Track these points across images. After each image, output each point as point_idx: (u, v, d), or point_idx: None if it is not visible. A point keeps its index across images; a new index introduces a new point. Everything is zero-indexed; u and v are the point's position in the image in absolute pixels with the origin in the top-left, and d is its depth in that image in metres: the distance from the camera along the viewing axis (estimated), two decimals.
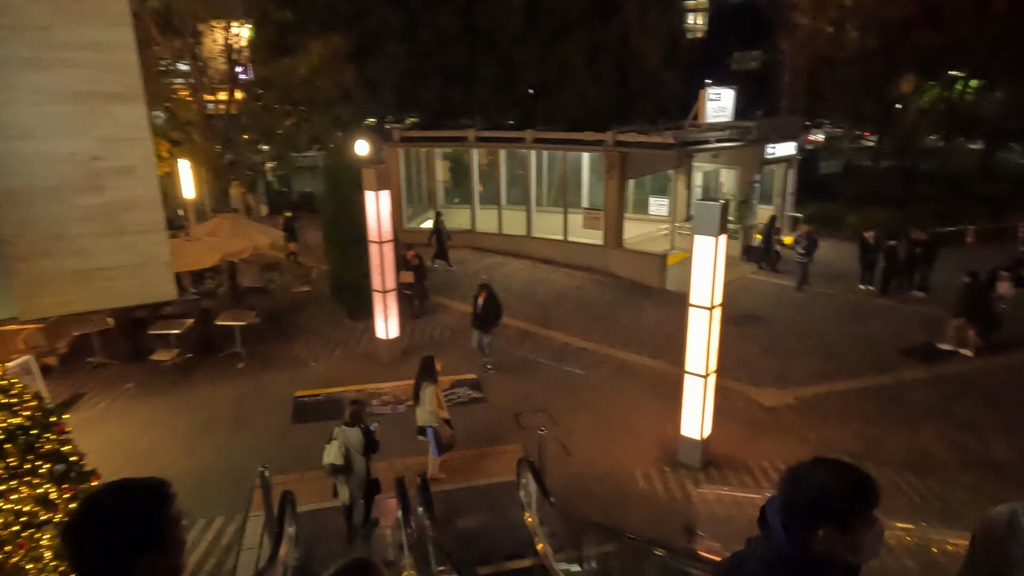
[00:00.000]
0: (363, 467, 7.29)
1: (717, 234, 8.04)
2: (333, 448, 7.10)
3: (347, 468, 7.12)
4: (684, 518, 6.82)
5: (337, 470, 7.12)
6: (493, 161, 20.98)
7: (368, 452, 7.31)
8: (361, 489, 7.36)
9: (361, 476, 7.29)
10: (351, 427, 7.24)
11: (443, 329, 14.15)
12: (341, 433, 7.19)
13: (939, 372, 12.27)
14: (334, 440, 7.16)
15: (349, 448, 7.15)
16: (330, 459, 7.07)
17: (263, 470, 7.12)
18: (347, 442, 7.16)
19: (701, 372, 8.62)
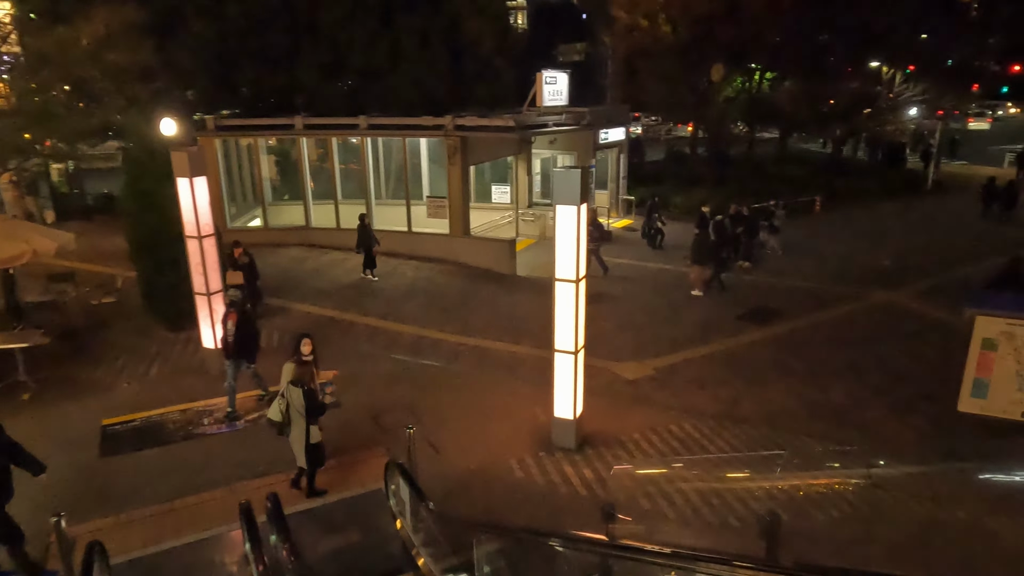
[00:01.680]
0: (301, 430, 7.21)
1: (579, 203, 7.69)
2: (275, 404, 7.26)
3: (285, 427, 7.22)
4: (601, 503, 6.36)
5: (275, 427, 7.28)
6: (325, 152, 19.50)
7: (310, 416, 7.21)
8: (303, 453, 7.32)
9: (300, 438, 7.24)
10: (295, 387, 7.17)
11: (282, 334, 12.69)
12: (288, 390, 7.19)
13: (774, 332, 13.08)
14: (279, 397, 7.25)
15: (291, 407, 7.17)
16: (269, 415, 7.32)
17: (57, 518, 5.61)
18: (290, 401, 7.17)
19: (570, 348, 8.27)
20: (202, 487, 7.78)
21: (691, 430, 9.28)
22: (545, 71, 16.84)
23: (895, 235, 21.02)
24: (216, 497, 7.59)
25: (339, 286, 15.37)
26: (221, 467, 8.25)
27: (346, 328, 12.95)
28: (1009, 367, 7.89)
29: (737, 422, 9.58)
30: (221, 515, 7.23)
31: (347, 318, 13.42)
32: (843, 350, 12.13)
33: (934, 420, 9.58)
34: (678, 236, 19.55)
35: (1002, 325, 7.82)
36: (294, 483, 7.63)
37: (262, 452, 8.57)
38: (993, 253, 18.74)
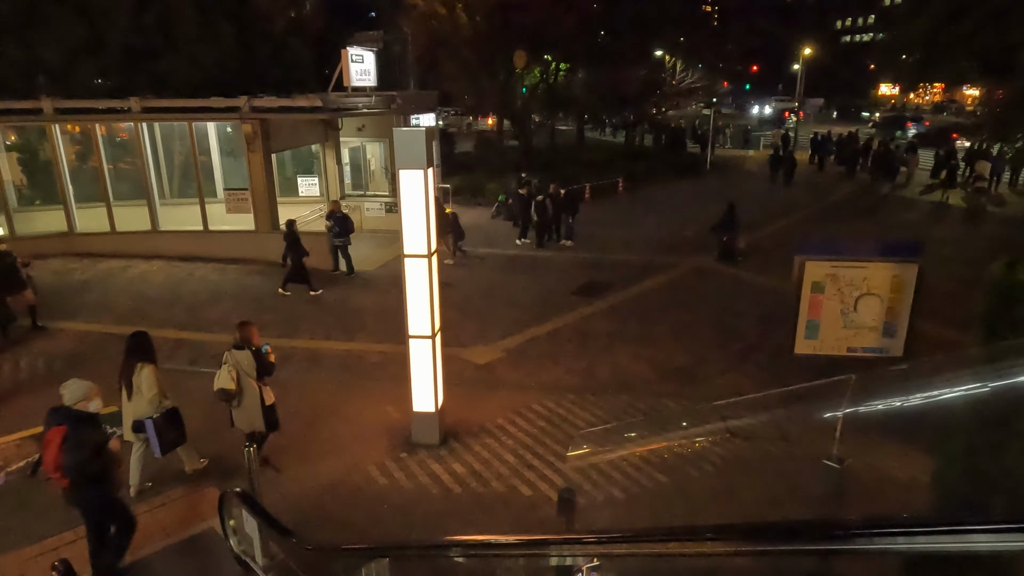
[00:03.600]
0: (256, 393, 6.85)
1: (426, 166, 6.81)
2: (223, 372, 6.72)
3: (238, 393, 6.76)
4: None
5: (228, 396, 6.76)
6: (89, 146, 16.32)
7: (261, 376, 6.89)
8: (260, 417, 6.89)
9: (255, 402, 6.85)
10: (240, 350, 6.80)
11: (51, 359, 10.20)
12: (231, 356, 6.79)
13: (608, 303, 13.25)
14: (224, 364, 6.76)
15: (240, 372, 6.74)
16: (220, 384, 6.70)
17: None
18: (237, 366, 6.75)
19: (426, 332, 7.37)
20: None
21: (554, 407, 8.86)
22: (351, 48, 15.54)
23: (692, 208, 22.78)
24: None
25: (122, 297, 12.86)
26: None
27: None
28: (835, 307, 8.48)
29: (596, 393, 9.37)
30: None
31: None
32: (673, 313, 12.60)
33: (767, 367, 10.18)
34: (494, 224, 19.34)
35: (827, 268, 8.37)
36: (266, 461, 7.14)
37: (36, 511, 6.58)
38: (780, 216, 21.22)
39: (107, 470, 5.41)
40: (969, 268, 13.24)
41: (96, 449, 5.29)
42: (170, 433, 6.55)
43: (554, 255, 17.17)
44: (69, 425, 5.22)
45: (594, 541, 3.04)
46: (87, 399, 5.40)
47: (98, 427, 5.44)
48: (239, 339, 6.87)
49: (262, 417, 6.91)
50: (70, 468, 5.19)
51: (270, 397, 6.99)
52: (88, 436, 5.27)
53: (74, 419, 5.27)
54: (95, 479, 5.32)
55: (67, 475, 5.22)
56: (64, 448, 5.16)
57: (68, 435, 5.19)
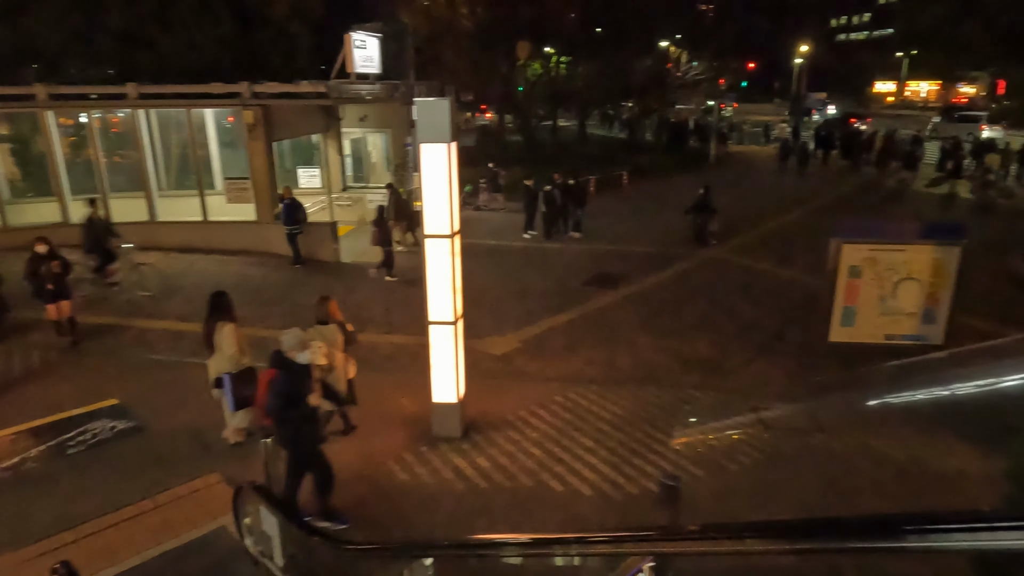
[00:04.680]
0: (343, 367, 6.88)
1: (449, 140, 6.38)
2: (315, 349, 6.20)
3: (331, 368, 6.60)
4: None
5: (323, 372, 6.36)
6: (83, 137, 15.79)
7: (347, 348, 6.98)
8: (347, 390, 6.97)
9: (341, 376, 6.84)
10: (324, 325, 6.81)
11: (45, 350, 9.73)
12: (317, 333, 6.62)
13: (622, 294, 12.87)
14: (311, 343, 6.28)
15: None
16: (315, 360, 6.16)
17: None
18: (327, 340, 6.52)
19: (448, 318, 6.94)
20: None
21: (577, 399, 8.44)
22: (354, 33, 15.06)
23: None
24: None
25: (118, 289, 12.37)
26: None
27: (138, 336, 10.31)
28: (872, 292, 8.10)
29: (620, 384, 8.96)
30: None
31: (136, 324, 10.72)
32: (691, 304, 12.23)
33: (795, 357, 9.80)
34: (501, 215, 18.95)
35: (865, 251, 7.98)
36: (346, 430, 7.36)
37: (32, 510, 6.13)
38: (791, 208, 20.90)
39: (306, 421, 5.49)
40: (988, 259, 12.94)
41: (292, 399, 5.36)
42: (245, 390, 6.64)
43: (562, 247, 16.79)
44: (278, 370, 5.44)
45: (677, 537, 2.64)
46: (298, 349, 5.48)
47: (303, 378, 5.48)
48: (322, 315, 6.93)
49: (348, 390, 7.05)
50: (270, 411, 5.46)
51: (353, 370, 7.13)
52: (288, 384, 5.38)
53: (281, 365, 5.45)
54: (292, 426, 5.45)
55: (268, 416, 5.53)
56: (269, 391, 5.44)
57: (274, 379, 5.43)
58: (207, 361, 7.09)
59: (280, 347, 5.56)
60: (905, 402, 6.16)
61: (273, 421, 5.54)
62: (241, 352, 6.90)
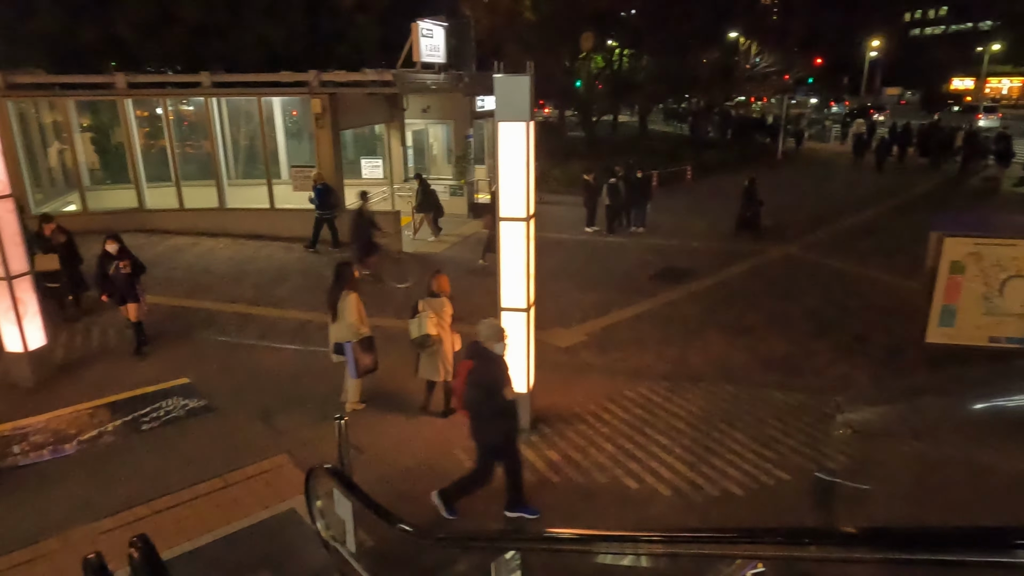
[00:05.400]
0: (450, 340, 7.21)
1: (528, 118, 6.14)
2: (425, 320, 6.93)
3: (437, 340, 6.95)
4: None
5: (427, 343, 6.98)
6: (158, 127, 16.24)
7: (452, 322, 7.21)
8: (450, 364, 7.14)
9: (447, 349, 7.16)
10: (436, 298, 7.12)
11: (121, 329, 9.94)
12: (427, 305, 7.03)
13: (690, 290, 12.41)
14: (421, 312, 6.98)
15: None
16: (425, 330, 6.92)
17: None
18: (438, 314, 6.97)
19: (521, 305, 6.71)
20: (16, 542, 5.31)
21: (649, 394, 8.09)
22: (421, 22, 15.02)
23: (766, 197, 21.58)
24: (41, 553, 5.18)
25: (190, 272, 12.63)
26: (45, 510, 5.79)
27: (208, 318, 10.46)
28: (976, 290, 7.47)
29: (693, 380, 8.56)
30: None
31: (206, 306, 10.88)
32: (764, 302, 11.69)
33: (881, 360, 9.20)
34: (562, 209, 18.63)
35: (970, 246, 7.37)
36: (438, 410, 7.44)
37: (108, 482, 6.20)
38: (868, 205, 19.94)
39: (501, 413, 5.42)
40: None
41: (489, 390, 5.31)
42: (365, 358, 7.00)
43: (625, 241, 16.39)
44: (475, 361, 5.38)
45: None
46: (495, 340, 5.43)
47: (500, 370, 5.42)
48: (435, 288, 7.18)
49: (451, 363, 7.14)
50: (468, 402, 5.43)
51: (458, 343, 7.25)
52: (485, 376, 5.32)
53: (479, 356, 5.40)
54: (488, 419, 5.40)
55: (465, 407, 5.52)
56: (467, 382, 5.38)
57: (472, 370, 5.36)
58: (329, 327, 7.34)
59: (477, 337, 5.48)
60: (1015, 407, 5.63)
61: (469, 412, 5.50)
62: (361, 321, 7.09)
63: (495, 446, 5.57)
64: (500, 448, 5.59)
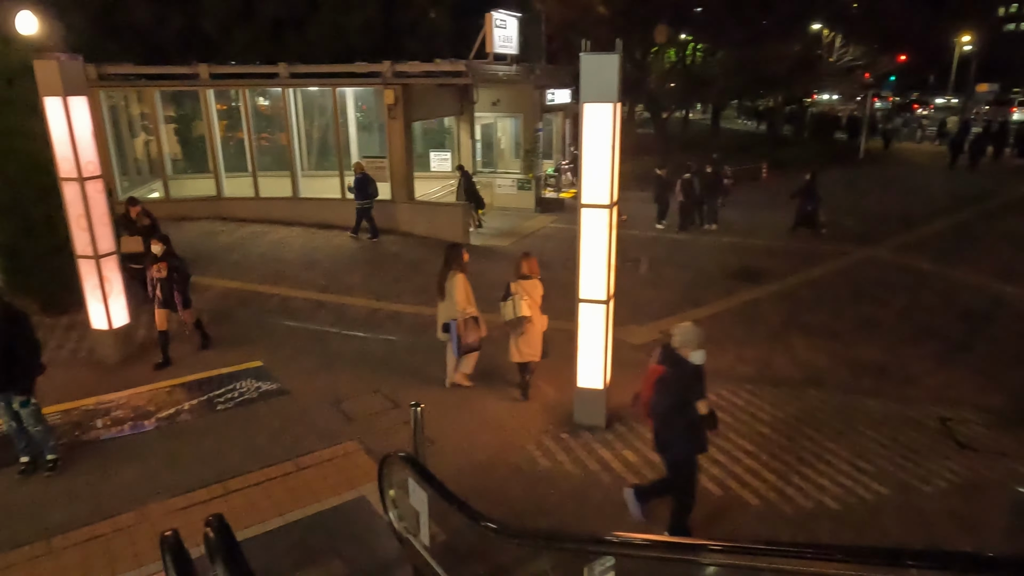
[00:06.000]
0: (542, 321, 7.22)
1: (616, 99, 5.83)
2: (519, 301, 6.95)
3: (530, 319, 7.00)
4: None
5: (520, 324, 7.01)
6: (236, 119, 16.68)
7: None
8: (540, 345, 7.26)
9: (539, 330, 7.20)
10: (527, 279, 7.12)
11: (198, 312, 10.14)
12: (519, 287, 7.06)
13: (769, 290, 11.83)
14: (514, 295, 7.00)
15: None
16: (519, 312, 6.94)
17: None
18: (529, 296, 7.01)
19: (600, 296, 6.41)
20: (96, 515, 5.38)
21: (730, 396, 7.66)
22: (495, 12, 14.87)
23: (847, 197, 20.56)
24: (120, 527, 5.23)
25: (264, 259, 12.84)
26: (124, 484, 5.86)
27: (281, 303, 10.57)
28: None
29: (776, 384, 8.07)
30: (128, 553, 4.91)
31: (279, 292, 11.01)
32: (850, 305, 11.01)
33: (986, 371, 8.46)
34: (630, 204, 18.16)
35: None
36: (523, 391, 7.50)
37: (184, 460, 6.24)
38: (962, 207, 18.70)
39: (691, 428, 4.93)
40: None
41: (680, 402, 4.88)
42: (468, 337, 7.23)
43: (697, 238, 15.84)
44: (667, 367, 4.91)
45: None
46: (692, 347, 4.92)
47: (695, 381, 4.94)
48: (526, 270, 7.14)
49: (542, 345, 7.21)
50: (655, 411, 5.01)
51: (545, 324, 7.24)
52: (678, 385, 4.86)
53: (672, 362, 4.92)
54: (676, 431, 4.96)
55: (651, 416, 5.09)
56: (656, 389, 4.94)
57: (662, 377, 4.91)
58: (437, 306, 7.52)
59: (671, 342, 5.00)
60: None
61: (655, 422, 5.09)
62: (467, 302, 7.18)
63: (676, 462, 5.12)
64: (680, 466, 5.11)
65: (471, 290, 7.33)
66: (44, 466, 6.01)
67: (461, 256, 7.41)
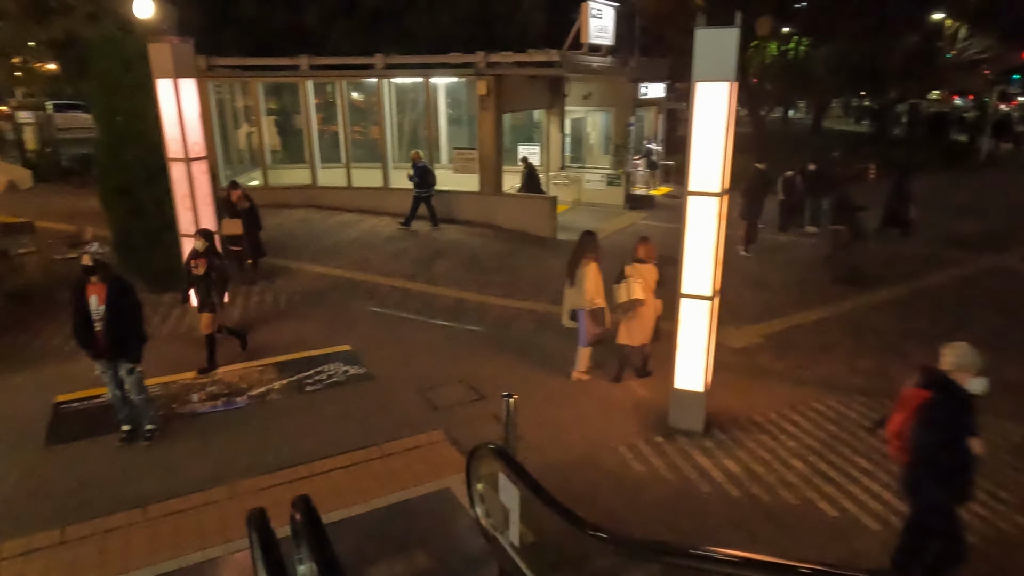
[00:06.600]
0: (655, 305, 7.15)
1: (733, 78, 5.37)
2: (633, 284, 6.87)
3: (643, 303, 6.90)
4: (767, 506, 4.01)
5: (634, 306, 6.92)
6: (331, 113, 17.08)
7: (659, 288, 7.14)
8: (652, 329, 7.20)
9: (652, 314, 7.12)
10: (643, 263, 7.05)
11: (291, 295, 10.36)
12: (634, 270, 6.99)
13: (881, 297, 10.88)
14: (629, 277, 6.93)
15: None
16: (633, 295, 6.85)
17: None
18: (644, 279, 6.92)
19: (706, 292, 5.96)
20: (188, 487, 5.44)
21: (842, 408, 7.00)
22: (591, 1, 14.48)
23: (968, 201, 18.90)
24: (210, 501, 5.26)
25: (354, 247, 13.01)
26: (215, 459, 5.93)
27: (369, 290, 10.63)
28: None
29: (894, 398, 7.30)
30: (216, 527, 4.91)
31: (368, 279, 11.08)
32: (978, 316, 9.95)
33: None
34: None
35: None
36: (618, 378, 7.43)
37: (272, 438, 6.26)
38: None
39: (959, 471, 4.12)
40: None
41: (950, 437, 4.06)
42: (594, 328, 7.11)
43: (798, 239, 14.87)
44: (934, 393, 4.09)
45: None
46: (969, 372, 4.15)
47: (969, 414, 4.10)
48: (641, 254, 7.08)
49: (652, 330, 7.14)
50: (918, 445, 4.13)
51: (660, 309, 7.14)
52: (948, 417, 4.06)
53: (943, 388, 4.10)
54: (942, 472, 4.11)
55: (910, 450, 4.19)
56: (918, 418, 4.10)
57: (928, 405, 4.07)
58: (565, 292, 7.43)
59: (941, 364, 4.18)
60: None
61: (913, 459, 4.21)
62: (597, 292, 7.02)
63: (934, 511, 4.27)
64: (939, 516, 4.26)
65: (602, 280, 7.12)
66: (143, 435, 6.17)
67: (595, 244, 7.24)
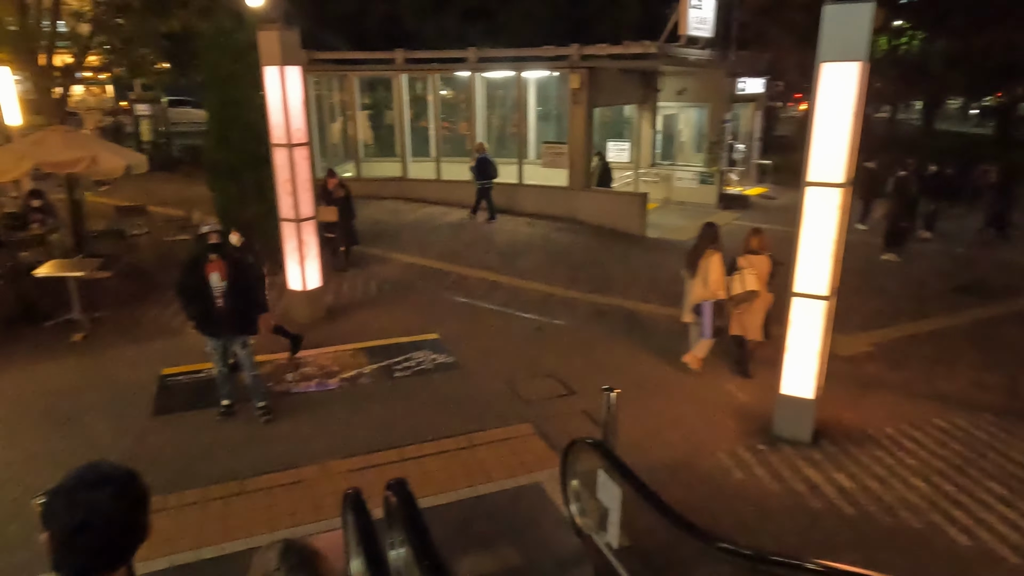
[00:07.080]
0: (767, 298, 7.08)
1: (864, 58, 4.92)
2: (747, 275, 6.82)
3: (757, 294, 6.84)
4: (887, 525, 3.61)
5: (750, 298, 6.85)
6: (423, 106, 17.30)
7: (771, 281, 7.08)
8: (762, 323, 7.10)
9: (764, 307, 7.06)
10: (756, 255, 7.01)
11: (381, 283, 10.49)
12: (747, 261, 6.97)
13: (1010, 309, 9.91)
14: (742, 269, 6.89)
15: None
16: (748, 286, 6.80)
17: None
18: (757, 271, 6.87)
19: (821, 291, 5.52)
20: (282, 462, 5.52)
21: (969, 427, 6.35)
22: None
23: None
24: (303, 479, 5.30)
25: (443, 238, 13.08)
26: (308, 437, 6.00)
27: (457, 281, 10.62)
28: None
29: None
30: (309, 506, 4.94)
31: (456, 270, 11.08)
32: None
33: None
34: None
35: None
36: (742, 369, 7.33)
37: (361, 421, 6.29)
38: None
39: None
40: None
41: None
42: (719, 320, 7.07)
43: (909, 245, 13.80)
44: None
45: None
46: None
47: None
48: (755, 246, 7.01)
49: (764, 325, 7.04)
50: None
51: (771, 301, 7.03)
52: None
53: None
54: None
55: None
56: None
57: None
58: (685, 284, 7.38)
59: None
60: None
61: None
62: (718, 284, 6.89)
63: None
64: None
65: (724, 271, 6.99)
66: (258, 412, 6.26)
67: (718, 235, 7.11)
